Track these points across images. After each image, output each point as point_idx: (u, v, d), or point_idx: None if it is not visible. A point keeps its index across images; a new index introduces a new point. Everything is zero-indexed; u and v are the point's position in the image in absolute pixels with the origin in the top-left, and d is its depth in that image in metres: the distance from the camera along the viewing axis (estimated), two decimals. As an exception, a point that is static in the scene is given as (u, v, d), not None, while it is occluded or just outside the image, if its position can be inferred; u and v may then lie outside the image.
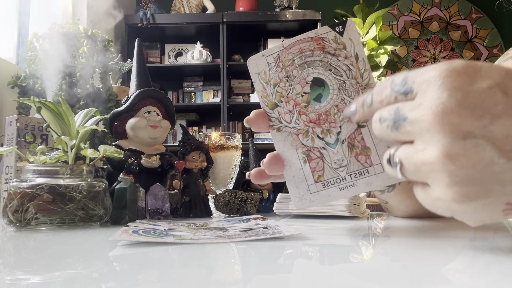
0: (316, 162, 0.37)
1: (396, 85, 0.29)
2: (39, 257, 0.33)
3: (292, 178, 0.38)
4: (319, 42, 0.37)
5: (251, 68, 0.38)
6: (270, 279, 0.24)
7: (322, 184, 0.37)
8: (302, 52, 0.37)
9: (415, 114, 0.26)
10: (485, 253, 0.31)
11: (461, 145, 0.24)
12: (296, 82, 0.37)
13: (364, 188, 0.36)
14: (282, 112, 0.38)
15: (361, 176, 0.36)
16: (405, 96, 0.28)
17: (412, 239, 0.40)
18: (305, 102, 0.37)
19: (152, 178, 0.63)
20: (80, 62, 0.93)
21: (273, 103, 0.38)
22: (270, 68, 0.38)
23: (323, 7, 2.90)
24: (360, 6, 2.42)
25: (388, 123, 0.29)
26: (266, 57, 0.38)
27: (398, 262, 0.30)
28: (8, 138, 0.72)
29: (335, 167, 0.37)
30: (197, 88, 3.06)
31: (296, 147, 0.37)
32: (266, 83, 0.38)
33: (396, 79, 0.29)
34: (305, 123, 0.37)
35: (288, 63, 0.37)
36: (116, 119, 0.67)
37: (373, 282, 0.24)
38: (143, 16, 2.79)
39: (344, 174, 0.36)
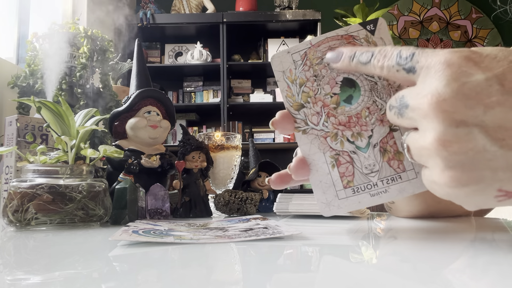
0: (345, 166, 0.35)
1: (402, 58, 0.29)
2: (39, 257, 0.33)
3: (319, 183, 0.36)
4: (350, 40, 0.35)
5: (275, 66, 0.36)
6: (270, 279, 0.24)
7: (352, 190, 0.35)
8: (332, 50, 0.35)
9: (415, 102, 0.27)
10: (485, 253, 0.31)
11: (453, 133, 0.25)
12: (325, 82, 0.36)
13: (397, 195, 0.35)
14: (309, 114, 0.36)
15: (393, 182, 0.35)
16: (407, 74, 0.29)
17: (412, 239, 0.40)
18: (334, 104, 0.35)
19: (152, 178, 0.63)
20: (80, 62, 0.93)
21: (299, 104, 0.36)
22: (297, 66, 0.36)
23: (323, 7, 2.90)
24: (360, 6, 2.42)
25: (395, 110, 0.30)
26: (292, 54, 0.36)
27: (398, 262, 0.30)
28: (8, 138, 0.72)
29: (366, 173, 0.35)
30: (197, 88, 3.06)
31: (323, 150, 0.36)
32: (292, 82, 0.36)
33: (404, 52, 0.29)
34: (334, 126, 0.35)
35: (317, 62, 0.36)
36: (116, 119, 0.67)
37: (373, 282, 0.24)
38: (143, 16, 2.79)
39: (376, 180, 0.35)
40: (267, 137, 2.93)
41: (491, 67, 0.25)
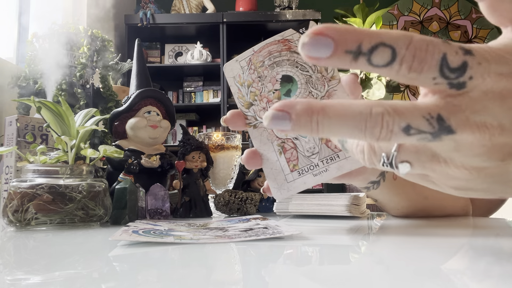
0: (290, 152, 0.40)
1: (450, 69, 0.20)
2: (39, 257, 0.33)
3: (270, 171, 0.40)
4: (286, 43, 0.40)
5: (227, 73, 0.41)
6: (270, 279, 0.24)
7: (298, 173, 0.39)
8: (271, 54, 0.40)
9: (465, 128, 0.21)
10: (486, 252, 0.31)
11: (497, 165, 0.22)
12: (267, 81, 0.40)
13: (336, 172, 0.39)
14: (257, 110, 0.40)
15: (332, 161, 0.39)
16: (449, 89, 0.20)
17: (411, 238, 0.40)
18: (276, 98, 0.40)
19: (152, 178, 0.63)
20: (80, 62, 0.93)
21: (248, 103, 0.41)
22: (244, 71, 0.41)
23: (323, 7, 2.90)
24: (360, 6, 2.42)
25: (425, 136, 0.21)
26: (240, 61, 0.41)
27: (398, 262, 0.30)
28: (8, 138, 0.72)
29: (308, 155, 0.39)
30: (197, 88, 3.06)
31: (271, 140, 0.40)
32: (241, 85, 0.41)
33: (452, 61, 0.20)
34: None
35: (259, 65, 0.40)
36: (116, 119, 0.67)
37: (372, 282, 0.24)
38: (143, 16, 2.79)
39: (317, 161, 0.39)
40: (267, 137, 2.93)
41: None
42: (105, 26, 2.59)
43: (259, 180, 0.77)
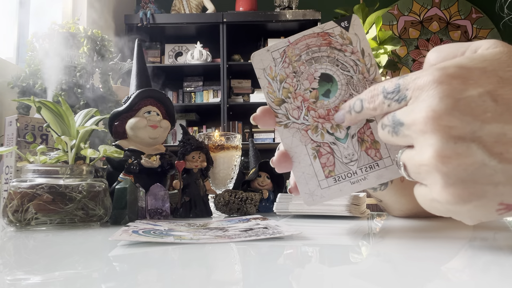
0: (326, 157, 0.37)
1: (388, 92, 0.30)
2: (39, 257, 0.33)
3: (301, 175, 0.37)
4: (326, 37, 0.37)
5: (255, 64, 0.37)
6: (270, 279, 0.24)
7: (333, 179, 0.37)
8: (309, 47, 0.37)
9: (409, 119, 0.27)
10: (485, 252, 0.31)
11: (452, 148, 0.25)
12: (303, 78, 0.37)
13: (375, 181, 0.36)
14: (290, 108, 0.37)
15: (371, 169, 0.36)
16: (399, 104, 0.29)
17: (411, 239, 0.40)
18: (313, 98, 0.37)
19: (152, 178, 0.63)
20: (80, 62, 0.93)
21: (280, 99, 0.37)
22: (276, 63, 0.37)
23: (323, 7, 2.90)
24: (360, 6, 2.42)
25: (389, 129, 0.30)
26: (272, 52, 0.37)
27: (398, 262, 0.30)
28: (8, 138, 0.72)
29: (346, 162, 0.37)
30: (197, 88, 3.06)
31: (305, 143, 0.37)
32: (272, 78, 0.37)
33: (388, 86, 0.30)
34: (314, 119, 0.37)
35: (295, 59, 0.37)
36: (116, 119, 0.67)
37: (372, 282, 0.24)
38: (143, 16, 2.79)
39: (355, 168, 0.37)
40: (267, 137, 2.93)
41: (481, 83, 0.25)
42: (105, 26, 2.59)
43: (259, 180, 0.77)
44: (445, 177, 0.25)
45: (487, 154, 0.24)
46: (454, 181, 0.25)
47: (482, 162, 0.24)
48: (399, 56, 3.10)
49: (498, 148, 0.24)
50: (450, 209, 0.27)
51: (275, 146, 3.15)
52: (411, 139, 0.28)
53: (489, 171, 0.25)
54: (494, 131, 0.24)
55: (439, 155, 0.25)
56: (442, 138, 0.25)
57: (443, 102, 0.25)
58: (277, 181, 0.79)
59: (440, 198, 0.27)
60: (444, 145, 0.25)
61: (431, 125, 0.25)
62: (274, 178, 0.79)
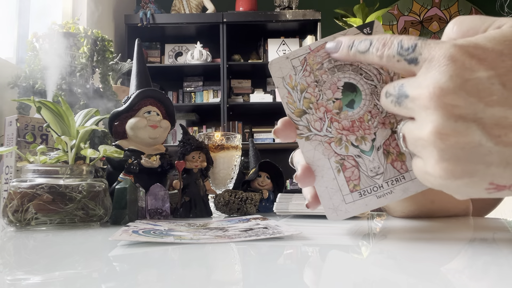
0: (351, 171, 0.35)
1: (404, 49, 0.29)
2: (39, 257, 0.33)
3: (324, 189, 0.36)
4: None
5: (274, 72, 0.35)
6: (270, 279, 0.24)
7: (359, 194, 0.35)
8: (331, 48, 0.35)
9: (415, 92, 0.27)
10: (485, 253, 0.31)
11: (452, 126, 0.25)
12: (326, 87, 0.35)
13: (401, 195, 0.35)
14: (312, 120, 0.35)
15: (397, 182, 0.35)
16: (408, 64, 0.28)
17: (411, 239, 0.40)
18: (337, 109, 0.35)
19: (152, 178, 0.63)
20: (80, 62, 0.93)
21: (300, 110, 0.35)
22: (296, 72, 0.35)
23: (323, 7, 2.90)
24: (360, 6, 2.42)
25: (393, 98, 0.30)
26: (291, 60, 0.35)
27: (398, 263, 0.30)
28: (8, 138, 0.72)
29: (372, 175, 0.35)
30: (197, 88, 3.06)
31: (328, 156, 0.35)
32: (292, 88, 0.35)
33: (405, 42, 0.29)
34: (337, 131, 0.35)
35: (317, 67, 0.35)
36: (116, 119, 0.67)
37: (372, 282, 0.24)
38: (143, 16, 2.79)
39: (381, 182, 0.35)
40: (267, 137, 2.93)
41: (494, 65, 0.25)
42: (105, 26, 2.59)
43: (259, 180, 0.77)
44: (440, 153, 0.26)
45: (485, 135, 0.25)
46: (449, 157, 0.26)
47: (479, 143, 0.25)
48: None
49: (497, 131, 0.25)
50: (441, 183, 0.28)
51: (275, 146, 3.16)
52: (413, 112, 0.28)
53: (484, 151, 0.25)
54: (496, 114, 0.25)
55: (438, 132, 0.26)
56: (444, 116, 0.25)
57: (451, 81, 0.25)
58: (277, 181, 0.79)
59: (433, 172, 0.27)
60: (445, 122, 0.25)
61: (435, 102, 0.26)
62: (274, 178, 0.79)
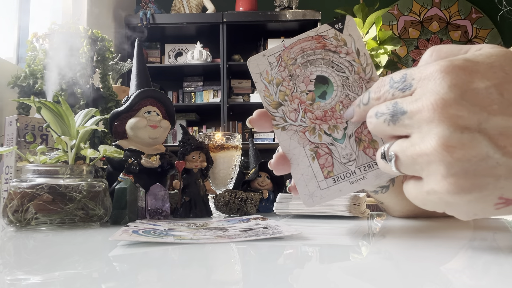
0: (325, 158, 0.37)
1: (394, 82, 0.29)
2: (39, 257, 0.33)
3: (300, 176, 0.37)
4: (320, 40, 0.37)
5: (251, 68, 0.38)
6: (270, 279, 0.24)
7: (332, 180, 0.37)
8: (304, 51, 0.38)
9: (414, 107, 0.27)
10: (485, 253, 0.31)
11: (458, 138, 0.25)
12: (300, 80, 0.38)
13: (374, 180, 0.37)
14: (287, 111, 0.38)
15: (370, 168, 0.37)
16: (403, 93, 0.29)
17: (411, 239, 0.40)
18: (310, 100, 0.37)
19: (152, 178, 0.63)
20: (80, 62, 0.93)
21: (276, 102, 0.38)
22: (272, 67, 0.38)
23: (323, 7, 2.90)
24: (360, 6, 2.42)
25: (386, 117, 0.29)
26: (268, 57, 0.38)
27: (398, 262, 0.30)
28: (8, 138, 0.72)
29: (344, 162, 0.37)
30: (197, 88, 3.06)
31: (303, 144, 0.37)
32: (269, 82, 0.38)
33: (395, 76, 0.30)
34: (311, 121, 0.37)
35: (291, 62, 0.38)
36: (116, 119, 0.67)
37: (372, 282, 0.24)
38: (143, 16, 2.79)
39: (354, 168, 0.37)
40: (267, 137, 2.93)
41: (488, 76, 0.25)
42: (105, 26, 2.59)
43: (259, 180, 0.77)
44: (448, 167, 0.25)
45: (492, 146, 0.24)
46: (457, 171, 0.25)
47: (486, 154, 0.24)
48: (399, 56, 3.10)
49: (503, 141, 0.24)
50: (449, 201, 0.26)
51: (275, 146, 3.16)
52: (410, 129, 0.28)
53: (492, 163, 0.24)
54: (499, 123, 0.25)
55: (444, 145, 0.25)
56: (450, 127, 0.25)
57: (452, 91, 0.25)
58: (277, 181, 0.79)
59: (439, 188, 0.26)
60: (451, 134, 0.25)
61: (440, 113, 0.25)
62: (274, 178, 0.79)
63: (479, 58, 0.26)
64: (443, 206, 0.28)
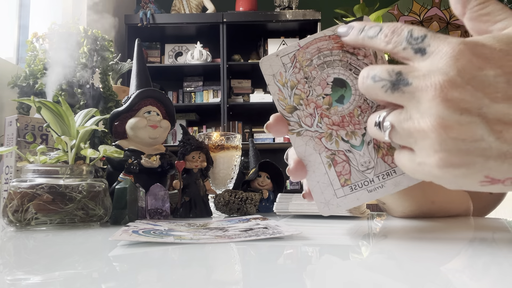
0: (342, 165, 0.36)
1: (413, 37, 0.28)
2: (39, 257, 0.33)
3: (316, 184, 0.36)
4: (337, 40, 0.35)
5: (264, 70, 0.36)
6: (270, 279, 0.24)
7: (350, 188, 0.36)
8: (320, 51, 0.35)
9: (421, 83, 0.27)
10: (485, 253, 0.31)
11: (456, 119, 0.26)
12: (316, 83, 0.36)
13: (393, 189, 0.35)
14: (302, 116, 0.36)
15: (388, 176, 0.35)
16: (415, 54, 0.28)
17: (411, 239, 0.40)
18: (327, 104, 0.35)
19: (152, 178, 0.63)
20: (80, 62, 0.93)
21: (291, 106, 0.36)
22: (286, 69, 0.36)
23: (323, 7, 2.90)
24: (360, 6, 2.42)
25: (385, 83, 0.29)
26: (281, 57, 0.36)
27: (398, 263, 0.30)
28: (8, 138, 0.72)
29: (362, 170, 0.35)
30: (197, 88, 3.06)
31: (319, 151, 0.36)
32: (283, 85, 0.36)
33: (415, 32, 0.29)
34: (328, 126, 0.36)
35: (306, 64, 0.36)
36: (116, 119, 0.67)
37: (372, 282, 0.24)
38: (143, 16, 2.79)
39: (372, 176, 0.35)
40: (267, 137, 2.93)
41: (501, 64, 0.26)
42: (105, 26, 2.59)
43: (259, 180, 0.77)
44: (442, 143, 0.26)
45: (487, 130, 0.25)
46: (450, 148, 0.26)
47: (481, 137, 0.25)
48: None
49: (499, 126, 0.25)
50: (436, 173, 0.28)
51: (275, 146, 3.16)
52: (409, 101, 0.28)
53: (485, 145, 0.26)
54: (500, 110, 0.25)
55: (442, 123, 0.26)
56: (450, 108, 0.26)
57: (459, 75, 0.26)
58: (277, 181, 0.79)
59: (429, 161, 0.27)
60: (450, 114, 0.26)
61: (444, 94, 0.26)
62: (274, 178, 0.79)
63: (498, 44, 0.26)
64: (431, 177, 0.29)
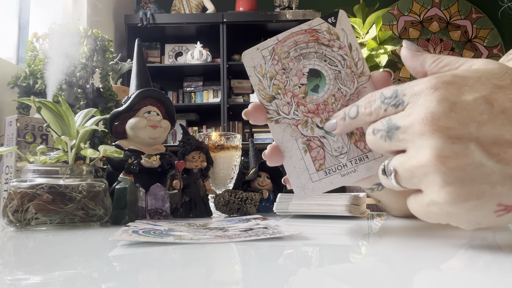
0: (316, 151, 0.38)
1: (386, 97, 0.30)
2: (39, 257, 0.33)
3: (293, 169, 0.38)
4: (313, 34, 0.38)
5: (246, 62, 0.38)
6: (270, 279, 0.24)
7: (324, 172, 0.37)
8: (297, 44, 0.38)
9: (407, 122, 0.28)
10: (485, 252, 0.31)
11: (451, 148, 0.25)
12: (292, 74, 0.38)
13: (365, 173, 0.37)
14: (280, 104, 0.38)
15: (361, 161, 0.37)
16: (395, 108, 0.29)
17: (411, 239, 0.40)
18: (303, 93, 0.38)
19: (152, 178, 0.63)
20: (80, 62, 0.93)
21: (270, 96, 0.38)
22: (266, 61, 0.38)
23: (323, 7, 2.90)
24: (360, 6, 2.42)
25: (382, 133, 0.30)
26: (261, 50, 0.38)
27: (398, 262, 0.30)
28: (8, 138, 0.72)
29: (336, 155, 0.37)
30: (197, 88, 3.06)
31: (295, 137, 0.38)
32: (262, 76, 0.38)
33: (386, 92, 0.30)
34: (304, 114, 0.38)
35: (284, 56, 0.38)
36: (116, 119, 0.67)
37: (372, 282, 0.24)
38: (143, 16, 2.79)
39: (345, 161, 0.37)
40: (267, 137, 2.93)
41: (476, 88, 0.26)
42: (105, 26, 2.59)
43: (259, 180, 0.77)
44: (444, 177, 0.26)
45: (485, 154, 0.25)
46: (453, 180, 0.25)
47: (480, 162, 0.25)
48: (399, 56, 3.09)
49: (495, 149, 0.25)
50: (449, 211, 0.27)
51: (275, 146, 3.16)
52: (406, 143, 0.28)
53: (487, 171, 0.25)
54: (491, 132, 0.25)
55: (438, 155, 0.25)
56: (441, 138, 0.25)
57: (440, 105, 0.26)
58: (277, 181, 0.79)
59: (438, 198, 0.26)
60: (443, 145, 0.25)
61: (430, 126, 0.26)
62: (274, 178, 0.79)
63: (467, 73, 0.28)
64: (445, 217, 0.28)
